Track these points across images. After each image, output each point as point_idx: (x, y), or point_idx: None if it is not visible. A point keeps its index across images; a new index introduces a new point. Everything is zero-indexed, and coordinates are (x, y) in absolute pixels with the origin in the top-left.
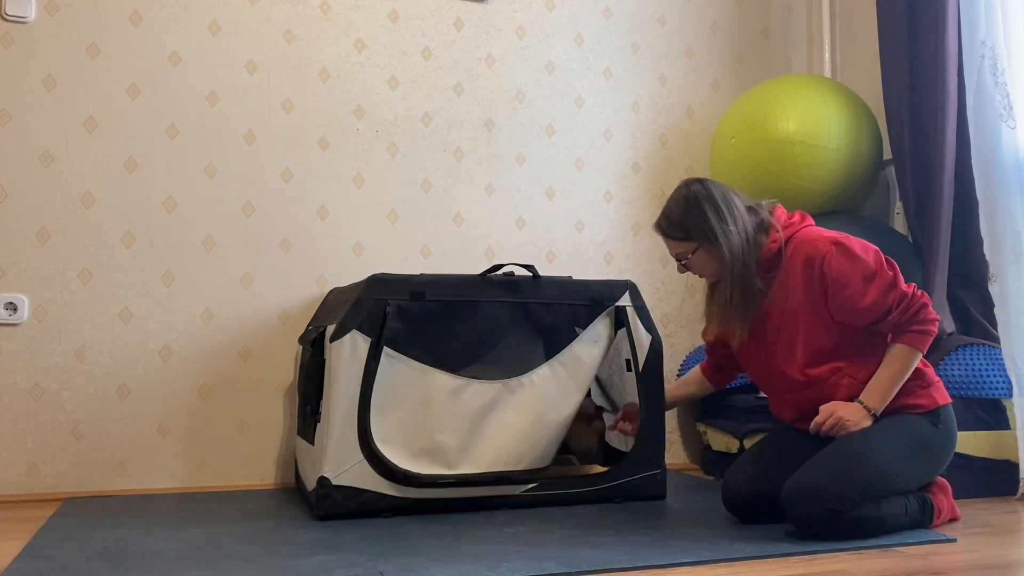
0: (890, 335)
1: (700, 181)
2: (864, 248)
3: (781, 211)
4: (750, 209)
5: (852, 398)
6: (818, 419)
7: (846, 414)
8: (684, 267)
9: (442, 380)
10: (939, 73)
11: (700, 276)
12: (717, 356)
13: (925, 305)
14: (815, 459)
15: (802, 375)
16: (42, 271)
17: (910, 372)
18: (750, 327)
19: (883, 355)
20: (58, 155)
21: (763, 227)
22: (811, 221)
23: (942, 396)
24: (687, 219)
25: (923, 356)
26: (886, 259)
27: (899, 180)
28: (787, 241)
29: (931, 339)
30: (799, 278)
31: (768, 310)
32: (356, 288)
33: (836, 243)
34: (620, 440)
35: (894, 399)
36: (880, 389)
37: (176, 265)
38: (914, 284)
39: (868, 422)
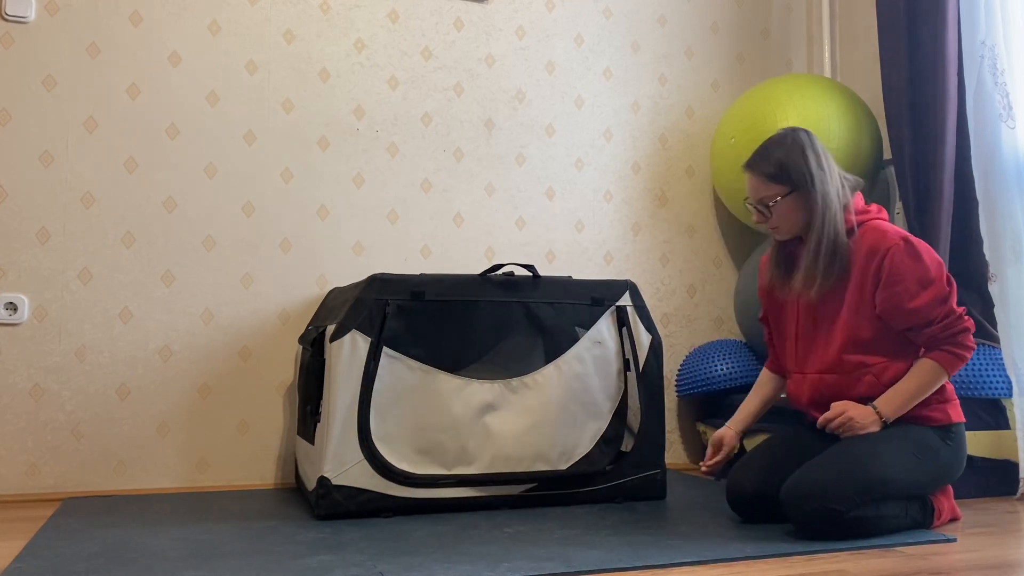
0: (923, 348)
1: (801, 129)
2: (930, 255)
3: (860, 197)
4: (840, 174)
5: (870, 397)
6: (828, 415)
7: (856, 415)
8: (763, 216)
9: (442, 380)
10: (939, 73)
11: (775, 229)
12: (775, 346)
13: (967, 331)
14: (818, 459)
15: (833, 357)
16: (42, 271)
17: (931, 390)
18: (829, 287)
19: (911, 365)
20: (58, 155)
21: (849, 200)
22: (886, 215)
23: (956, 414)
24: (788, 160)
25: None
26: (948, 275)
27: (899, 180)
28: (858, 225)
29: (961, 364)
30: (859, 264)
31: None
32: (356, 288)
33: (905, 240)
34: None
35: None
36: (897, 400)
37: (176, 265)
38: (964, 308)
39: (876, 428)
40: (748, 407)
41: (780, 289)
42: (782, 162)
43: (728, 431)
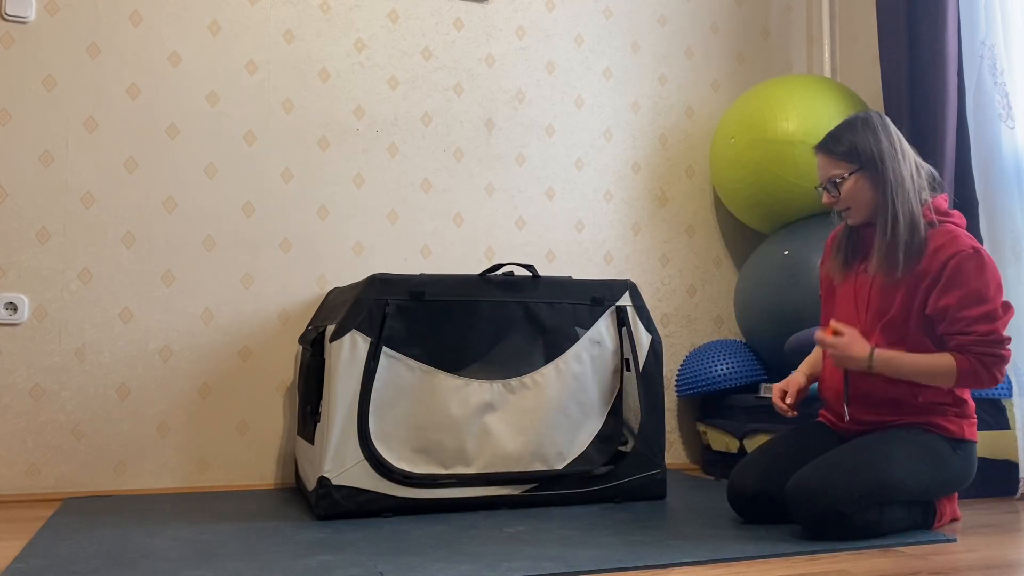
0: (952, 348)
1: (879, 113)
2: (994, 273)
3: (944, 199)
4: (916, 163)
5: (901, 398)
6: (831, 338)
7: (851, 349)
8: (832, 195)
9: (442, 380)
10: (939, 73)
11: (843, 209)
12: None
13: (1003, 359)
14: (826, 458)
15: (874, 342)
16: (42, 271)
17: (934, 381)
18: (908, 272)
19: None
20: (58, 155)
21: (925, 190)
22: (965, 223)
23: (971, 432)
24: (858, 138)
25: (955, 388)
26: (1006, 302)
27: None
28: (932, 223)
29: (976, 383)
30: (924, 263)
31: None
32: (356, 288)
33: (976, 249)
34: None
35: (924, 415)
36: (896, 363)
37: (176, 265)
38: (1010, 338)
39: (855, 366)
40: (811, 358)
41: (837, 274)
42: (852, 140)
43: (798, 375)
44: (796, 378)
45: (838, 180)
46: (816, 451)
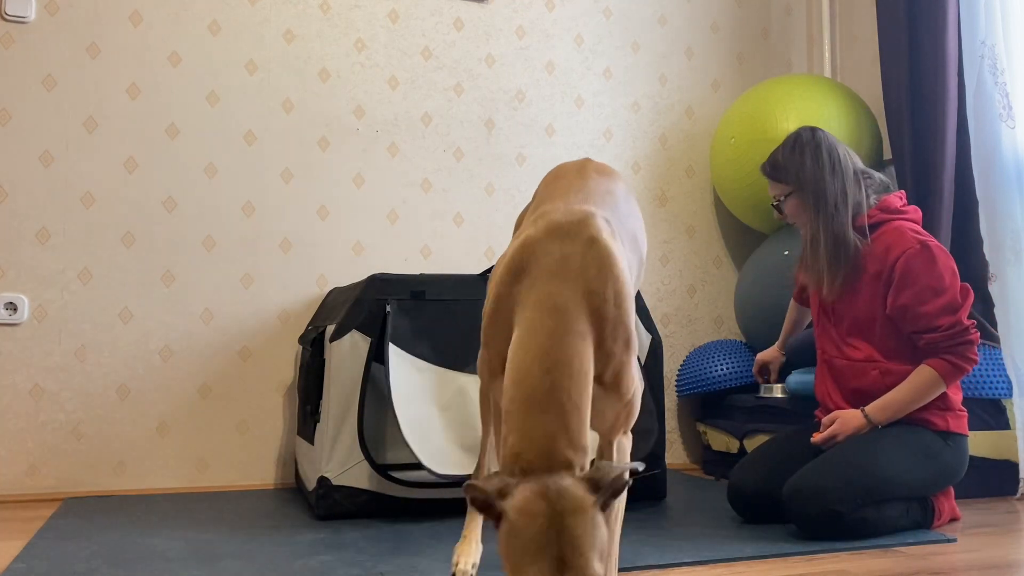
0: (923, 354)
1: (813, 129)
2: (946, 262)
3: (896, 197)
4: (862, 172)
5: (875, 392)
6: (821, 435)
7: (845, 429)
8: (778, 211)
9: (444, 378)
10: (939, 73)
11: (793, 223)
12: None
13: (971, 343)
14: (820, 459)
15: (844, 345)
16: (42, 271)
17: (928, 398)
18: (839, 285)
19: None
20: (58, 155)
21: (867, 194)
22: (919, 216)
23: (958, 425)
24: (786, 162)
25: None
26: (963, 285)
27: (899, 180)
28: (880, 223)
29: (960, 375)
30: (875, 263)
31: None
32: (356, 288)
33: (922, 244)
34: None
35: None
36: (891, 407)
37: (176, 265)
38: (974, 322)
39: (863, 430)
40: (785, 330)
41: (808, 282)
42: (778, 163)
43: (773, 350)
44: (772, 352)
45: (780, 200)
46: (814, 450)
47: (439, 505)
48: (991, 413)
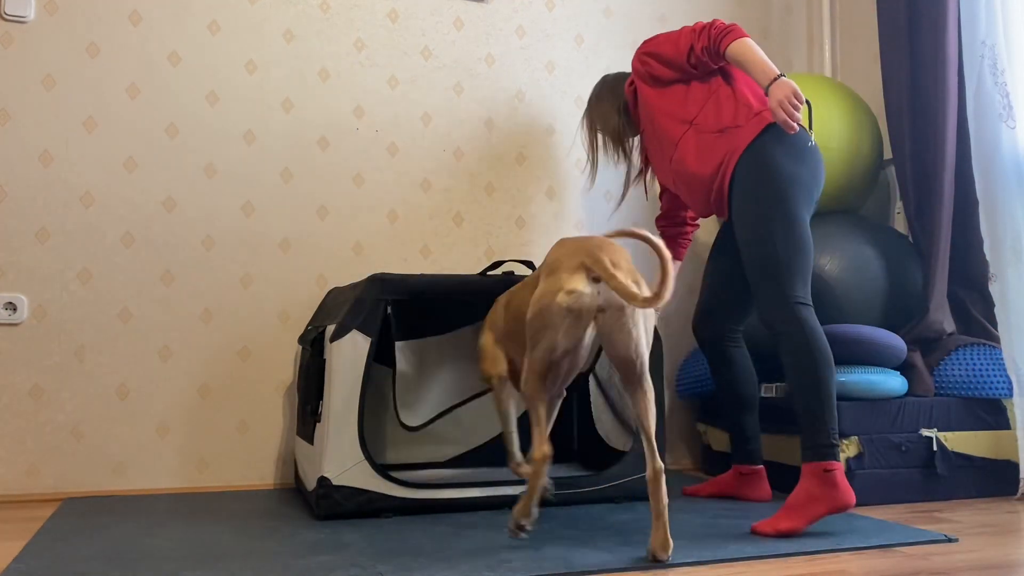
0: (713, 55)
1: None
2: (666, 34)
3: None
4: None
5: (702, 150)
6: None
7: (781, 95)
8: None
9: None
10: (939, 73)
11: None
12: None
13: (717, 22)
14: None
15: (675, 141)
16: (42, 271)
17: (759, 53)
18: (627, 151)
19: (716, 108)
20: (58, 155)
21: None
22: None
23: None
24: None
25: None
26: (697, 26)
27: (899, 180)
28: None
29: (736, 35)
30: (638, 92)
31: (644, 128)
32: (356, 288)
33: (638, 50)
34: (619, 439)
35: (724, 160)
36: (757, 71)
37: (176, 265)
38: (717, 20)
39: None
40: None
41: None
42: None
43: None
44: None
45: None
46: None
47: (439, 505)
48: (991, 413)
